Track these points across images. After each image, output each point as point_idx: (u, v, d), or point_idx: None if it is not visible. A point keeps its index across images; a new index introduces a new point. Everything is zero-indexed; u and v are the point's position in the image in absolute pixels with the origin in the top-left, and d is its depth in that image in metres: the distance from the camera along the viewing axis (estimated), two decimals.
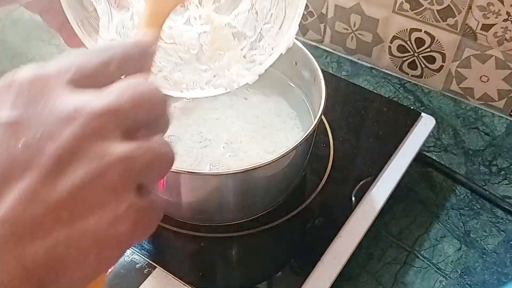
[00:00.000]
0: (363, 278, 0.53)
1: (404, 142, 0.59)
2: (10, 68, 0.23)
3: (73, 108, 0.22)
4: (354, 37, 0.76)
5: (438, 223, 0.58)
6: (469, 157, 0.64)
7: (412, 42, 0.71)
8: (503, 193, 0.60)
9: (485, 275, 0.53)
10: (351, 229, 0.51)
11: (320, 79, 0.51)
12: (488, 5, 0.62)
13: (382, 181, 0.56)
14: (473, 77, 0.69)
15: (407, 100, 0.71)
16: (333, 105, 0.63)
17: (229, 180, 0.47)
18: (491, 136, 0.67)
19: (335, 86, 0.67)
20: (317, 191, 0.55)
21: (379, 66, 0.76)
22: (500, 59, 0.65)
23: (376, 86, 0.73)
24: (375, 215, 0.53)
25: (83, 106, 0.22)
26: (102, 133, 0.22)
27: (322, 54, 0.78)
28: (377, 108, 0.65)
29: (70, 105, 0.22)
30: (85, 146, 0.22)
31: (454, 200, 0.60)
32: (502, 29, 0.63)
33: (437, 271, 0.53)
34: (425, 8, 0.67)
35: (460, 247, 0.55)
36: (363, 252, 0.54)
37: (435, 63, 0.71)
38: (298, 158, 0.50)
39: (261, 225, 0.52)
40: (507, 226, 0.57)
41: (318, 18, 0.77)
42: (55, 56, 0.81)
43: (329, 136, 0.60)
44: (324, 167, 0.57)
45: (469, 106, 0.70)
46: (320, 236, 0.52)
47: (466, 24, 0.65)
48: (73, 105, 0.22)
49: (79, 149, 0.22)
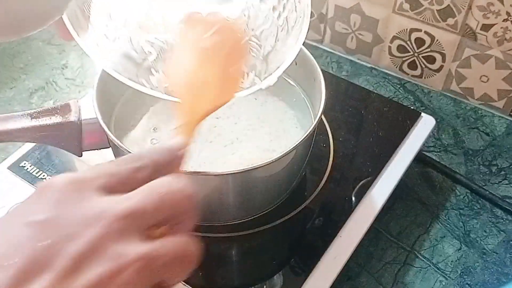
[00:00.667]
0: (363, 278, 0.53)
1: (404, 142, 0.59)
2: (10, 68, 0.23)
3: (98, 210, 0.24)
4: (354, 37, 0.76)
5: (438, 223, 0.58)
6: (469, 157, 0.64)
7: (412, 42, 0.71)
8: (503, 193, 0.60)
9: (485, 275, 0.53)
10: (351, 229, 0.51)
11: (320, 79, 0.51)
12: (488, 5, 0.62)
13: (382, 181, 0.56)
14: (473, 77, 0.69)
15: (407, 100, 0.71)
16: (333, 105, 0.63)
17: (229, 180, 0.47)
18: (491, 136, 0.67)
19: (335, 86, 0.67)
20: (317, 191, 0.55)
21: (379, 66, 0.76)
22: (500, 59, 0.65)
23: (376, 86, 0.73)
24: (375, 215, 0.53)
25: (108, 208, 0.24)
26: (123, 234, 0.24)
27: (322, 54, 0.78)
28: (377, 108, 0.65)
29: (97, 208, 0.24)
30: (105, 246, 0.23)
31: (454, 200, 0.60)
32: (502, 29, 0.63)
33: (437, 271, 0.53)
34: (425, 8, 0.67)
35: (460, 247, 0.56)
36: (363, 252, 0.54)
37: (435, 63, 0.71)
38: (298, 158, 0.50)
39: (261, 225, 0.52)
40: (507, 226, 0.57)
41: (318, 18, 0.77)
42: (55, 56, 0.81)
43: (329, 136, 0.60)
44: (324, 167, 0.57)
45: (469, 106, 0.70)
46: (320, 236, 0.52)
47: (466, 24, 0.65)
48: (99, 208, 0.24)
49: (98, 249, 0.23)
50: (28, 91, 0.73)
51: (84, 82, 0.74)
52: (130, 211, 0.24)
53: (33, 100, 0.71)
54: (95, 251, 0.23)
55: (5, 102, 0.71)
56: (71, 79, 0.75)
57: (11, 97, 0.72)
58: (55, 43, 0.79)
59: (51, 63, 0.77)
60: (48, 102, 0.71)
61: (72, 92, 0.73)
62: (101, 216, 0.24)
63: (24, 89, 0.73)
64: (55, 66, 0.76)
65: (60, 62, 0.77)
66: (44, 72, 0.75)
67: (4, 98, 0.72)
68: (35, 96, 0.72)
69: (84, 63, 0.77)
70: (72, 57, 0.78)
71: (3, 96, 0.72)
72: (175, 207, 0.26)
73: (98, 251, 0.23)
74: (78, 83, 0.74)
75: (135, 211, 0.24)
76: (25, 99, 0.72)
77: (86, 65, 0.77)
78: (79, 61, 0.77)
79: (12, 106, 0.71)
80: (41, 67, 0.76)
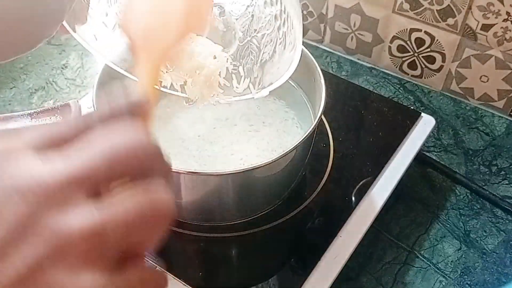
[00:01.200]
0: (363, 278, 0.53)
1: (404, 142, 0.59)
2: (10, 68, 0.23)
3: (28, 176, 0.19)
4: (354, 37, 0.76)
5: (438, 223, 0.58)
6: (469, 157, 0.64)
7: (412, 42, 0.71)
8: (503, 193, 0.60)
9: (485, 275, 0.53)
10: (351, 229, 0.51)
11: (320, 79, 0.51)
12: (488, 5, 0.62)
13: (382, 181, 0.56)
14: (473, 77, 0.69)
15: (407, 100, 0.71)
16: (333, 105, 0.63)
17: (229, 180, 0.47)
18: (491, 136, 0.67)
19: (335, 86, 0.67)
20: (317, 191, 0.55)
21: (379, 66, 0.76)
22: (500, 59, 0.65)
23: (376, 86, 0.73)
24: (375, 215, 0.53)
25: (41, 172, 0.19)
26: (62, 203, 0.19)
27: (322, 54, 0.78)
28: (377, 108, 0.65)
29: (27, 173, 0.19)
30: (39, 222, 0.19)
31: (454, 200, 0.60)
32: (502, 29, 0.63)
33: (437, 271, 0.53)
34: (425, 8, 0.67)
35: (460, 247, 0.56)
36: (363, 252, 0.54)
37: (435, 63, 0.71)
38: (298, 158, 0.50)
39: (261, 225, 0.52)
40: (507, 226, 0.57)
41: (318, 18, 0.77)
42: (55, 56, 0.81)
43: (329, 136, 0.60)
44: (324, 167, 0.57)
45: (469, 106, 0.70)
46: (320, 236, 0.52)
47: (466, 24, 0.65)
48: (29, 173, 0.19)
49: (31, 226, 0.18)
50: (28, 91, 0.73)
51: (84, 82, 0.74)
52: (68, 174, 0.19)
53: (33, 100, 0.71)
54: (27, 230, 0.18)
55: (5, 102, 0.71)
56: (71, 79, 0.75)
57: (11, 97, 0.72)
58: (55, 43, 0.79)
59: (51, 63, 0.77)
60: (48, 102, 0.71)
61: (72, 92, 0.73)
62: (32, 185, 0.19)
63: (24, 89, 0.73)
64: (55, 66, 0.76)
65: (60, 62, 0.77)
66: (44, 72, 0.75)
67: (4, 98, 0.72)
68: (35, 96, 0.72)
69: (84, 63, 0.77)
70: (72, 57, 0.78)
71: (3, 96, 0.72)
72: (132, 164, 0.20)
73: (29, 230, 0.18)
74: (78, 83, 0.74)
75: (75, 174, 0.19)
76: (25, 99, 0.72)
77: (86, 65, 0.77)
78: (79, 61, 0.77)
79: (12, 106, 0.71)
80: (41, 67, 0.76)
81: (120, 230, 0.19)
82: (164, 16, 0.37)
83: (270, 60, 0.48)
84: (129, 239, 0.20)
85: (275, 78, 0.46)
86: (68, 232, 0.19)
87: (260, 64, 0.48)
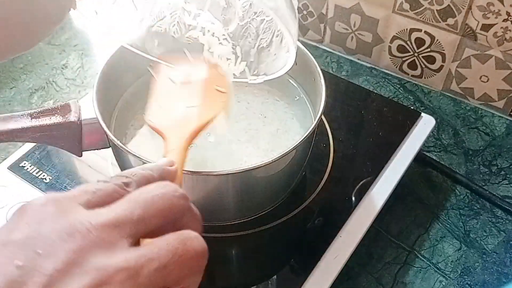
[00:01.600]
0: (363, 278, 0.53)
1: (404, 142, 0.59)
2: (10, 68, 0.23)
3: (77, 223, 0.22)
4: (354, 37, 0.76)
5: (438, 223, 0.58)
6: (469, 157, 0.64)
7: (412, 42, 0.71)
8: (503, 193, 0.60)
9: (485, 275, 0.53)
10: (351, 229, 0.51)
11: (320, 79, 0.51)
12: (488, 5, 0.62)
13: (382, 181, 0.56)
14: (473, 77, 0.69)
15: (407, 100, 0.71)
16: (333, 105, 0.63)
17: (229, 180, 0.47)
18: (491, 136, 0.67)
19: (335, 86, 0.67)
20: (317, 191, 0.55)
21: (379, 66, 0.76)
22: (500, 59, 0.65)
23: (376, 86, 0.73)
24: (375, 215, 0.53)
25: (88, 220, 0.23)
26: (105, 245, 0.22)
27: (322, 54, 0.78)
28: (377, 108, 0.65)
29: (76, 221, 0.23)
30: (83, 260, 0.22)
31: (454, 200, 0.60)
32: (502, 29, 0.63)
33: (437, 271, 0.53)
34: (425, 8, 0.67)
35: (460, 247, 0.56)
36: (363, 252, 0.54)
37: (435, 63, 0.71)
38: (298, 158, 0.50)
39: (261, 225, 0.52)
40: (507, 226, 0.57)
41: (318, 18, 0.77)
42: (55, 56, 0.81)
43: (329, 136, 0.60)
44: (324, 167, 0.57)
45: (469, 106, 0.70)
46: (320, 236, 0.52)
47: (466, 24, 0.65)
48: (78, 221, 0.23)
49: (76, 263, 0.21)
50: (28, 91, 0.73)
51: (84, 82, 0.74)
52: (111, 220, 0.23)
53: (33, 100, 0.72)
54: (73, 266, 0.21)
55: (5, 102, 0.71)
56: (71, 79, 0.75)
57: (11, 97, 0.72)
58: (55, 43, 0.79)
59: (51, 63, 0.77)
60: (48, 102, 0.71)
61: (72, 92, 0.73)
62: (80, 228, 0.22)
63: (24, 89, 0.73)
64: (55, 66, 0.76)
65: (60, 62, 0.77)
66: (44, 72, 0.76)
67: (4, 98, 0.72)
68: (35, 96, 0.72)
69: (84, 63, 0.77)
70: (72, 57, 0.78)
71: (3, 96, 0.72)
72: (165, 210, 0.24)
73: (76, 265, 0.21)
74: (78, 83, 0.74)
75: (117, 219, 0.23)
76: (25, 99, 0.72)
77: (86, 65, 0.77)
78: (79, 61, 0.77)
79: (12, 106, 0.71)
80: (41, 67, 0.76)
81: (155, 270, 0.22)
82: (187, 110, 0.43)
83: (266, 49, 0.48)
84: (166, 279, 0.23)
85: (271, 71, 0.47)
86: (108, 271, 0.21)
87: (257, 50, 0.48)
